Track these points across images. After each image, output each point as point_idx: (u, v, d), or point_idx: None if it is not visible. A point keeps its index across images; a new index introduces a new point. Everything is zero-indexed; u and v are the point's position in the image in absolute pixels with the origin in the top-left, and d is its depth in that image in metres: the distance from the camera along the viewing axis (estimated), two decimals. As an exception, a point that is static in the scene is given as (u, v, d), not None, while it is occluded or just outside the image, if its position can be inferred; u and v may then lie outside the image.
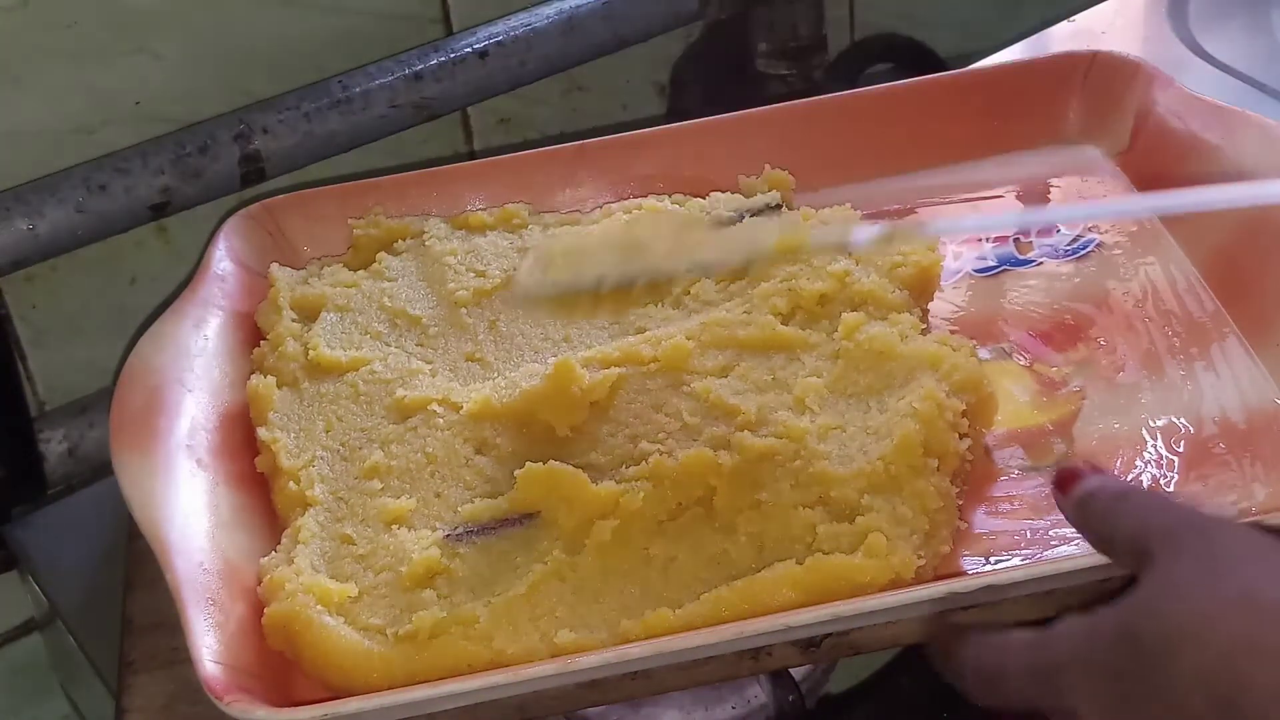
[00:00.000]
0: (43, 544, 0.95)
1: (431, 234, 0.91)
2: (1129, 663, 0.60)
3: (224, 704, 0.66)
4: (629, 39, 1.09)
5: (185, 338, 0.83)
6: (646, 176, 0.95)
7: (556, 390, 0.78)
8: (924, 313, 0.85)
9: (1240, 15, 1.16)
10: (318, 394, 0.83)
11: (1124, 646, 0.60)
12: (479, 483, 0.77)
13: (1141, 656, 0.60)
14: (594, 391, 0.79)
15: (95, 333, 0.99)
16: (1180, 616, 0.59)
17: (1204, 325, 0.85)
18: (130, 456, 0.76)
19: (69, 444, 0.97)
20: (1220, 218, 0.86)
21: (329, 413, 0.82)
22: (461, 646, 0.70)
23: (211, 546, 0.74)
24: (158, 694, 0.75)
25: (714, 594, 0.70)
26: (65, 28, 0.92)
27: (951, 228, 0.93)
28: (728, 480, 0.74)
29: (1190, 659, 0.58)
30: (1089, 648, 0.62)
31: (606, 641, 0.69)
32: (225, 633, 0.70)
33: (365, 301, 0.87)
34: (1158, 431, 0.79)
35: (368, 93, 1.00)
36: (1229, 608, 0.59)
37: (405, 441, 0.79)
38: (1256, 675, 0.57)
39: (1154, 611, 0.60)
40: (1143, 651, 0.60)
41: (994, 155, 0.97)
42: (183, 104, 0.97)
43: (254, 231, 0.92)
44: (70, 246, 0.93)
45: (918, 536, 0.72)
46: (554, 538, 0.73)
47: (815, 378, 0.79)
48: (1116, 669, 0.60)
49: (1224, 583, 0.60)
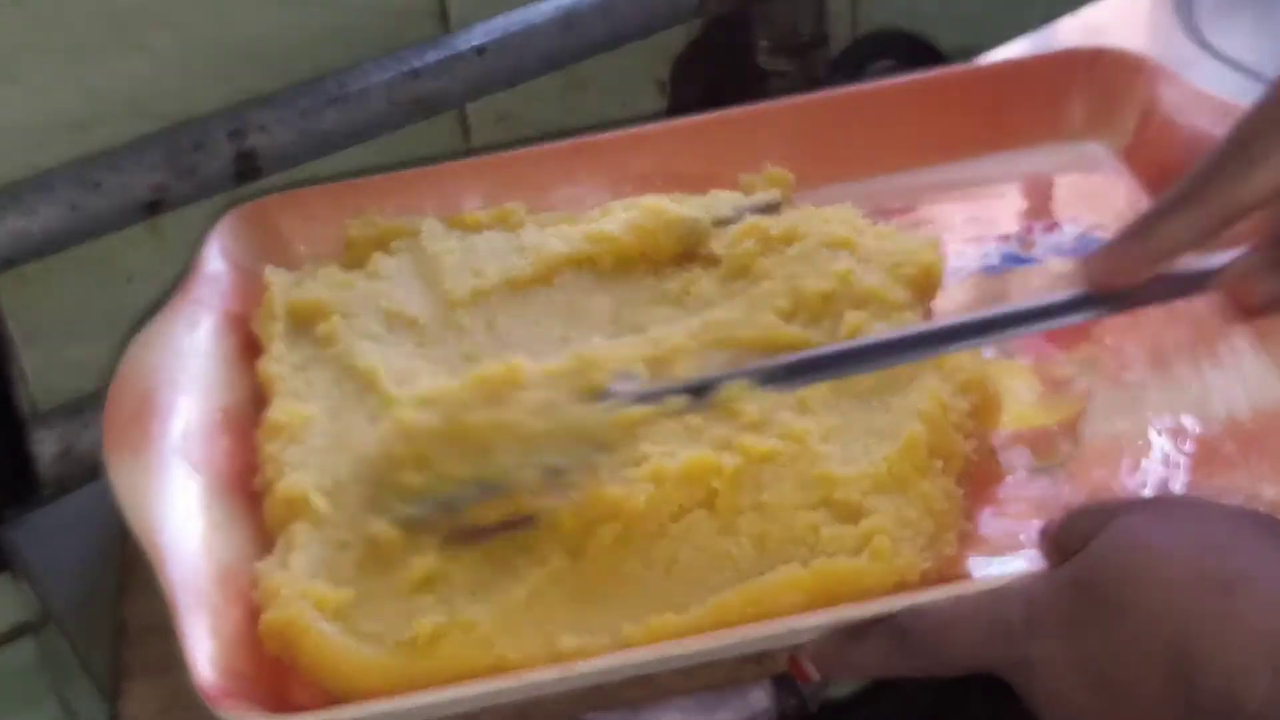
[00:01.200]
0: (36, 546, 0.95)
1: (427, 233, 0.90)
2: (1083, 609, 0.61)
3: (219, 710, 0.65)
4: (628, 35, 1.09)
5: (178, 339, 0.82)
6: (645, 174, 0.95)
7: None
8: (927, 312, 0.85)
9: (1248, 10, 1.16)
10: (315, 395, 0.82)
11: (1078, 594, 0.61)
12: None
13: (1095, 602, 0.60)
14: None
15: (89, 332, 0.98)
16: (1132, 557, 0.60)
17: (1210, 322, 0.84)
18: (123, 459, 0.75)
19: (62, 445, 0.97)
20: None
21: (326, 413, 0.81)
22: (462, 652, 0.69)
23: (206, 550, 0.73)
24: (153, 699, 0.75)
25: (717, 597, 0.69)
26: (58, 24, 0.92)
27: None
28: (730, 482, 0.73)
29: (1142, 598, 0.59)
30: (1044, 600, 0.62)
31: (609, 645, 0.68)
32: (221, 638, 0.69)
33: (361, 303, 0.87)
34: (1164, 431, 0.79)
35: (365, 90, 1.00)
36: (1180, 546, 0.59)
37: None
38: (1205, 606, 0.57)
39: (1106, 556, 0.61)
40: (1096, 597, 0.60)
41: (997, 151, 0.97)
42: (177, 101, 0.97)
43: (248, 231, 0.91)
44: (64, 244, 0.93)
45: (923, 539, 0.71)
46: (555, 541, 0.73)
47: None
48: (1071, 617, 0.61)
49: (1176, 527, 0.61)
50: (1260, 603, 0.57)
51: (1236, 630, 0.57)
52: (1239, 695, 0.56)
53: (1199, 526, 0.61)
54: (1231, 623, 0.57)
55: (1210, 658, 0.57)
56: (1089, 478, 0.77)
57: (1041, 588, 0.63)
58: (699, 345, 0.81)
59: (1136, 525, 0.62)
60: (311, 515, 0.75)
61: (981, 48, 1.11)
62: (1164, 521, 0.62)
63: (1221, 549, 0.59)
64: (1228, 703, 0.56)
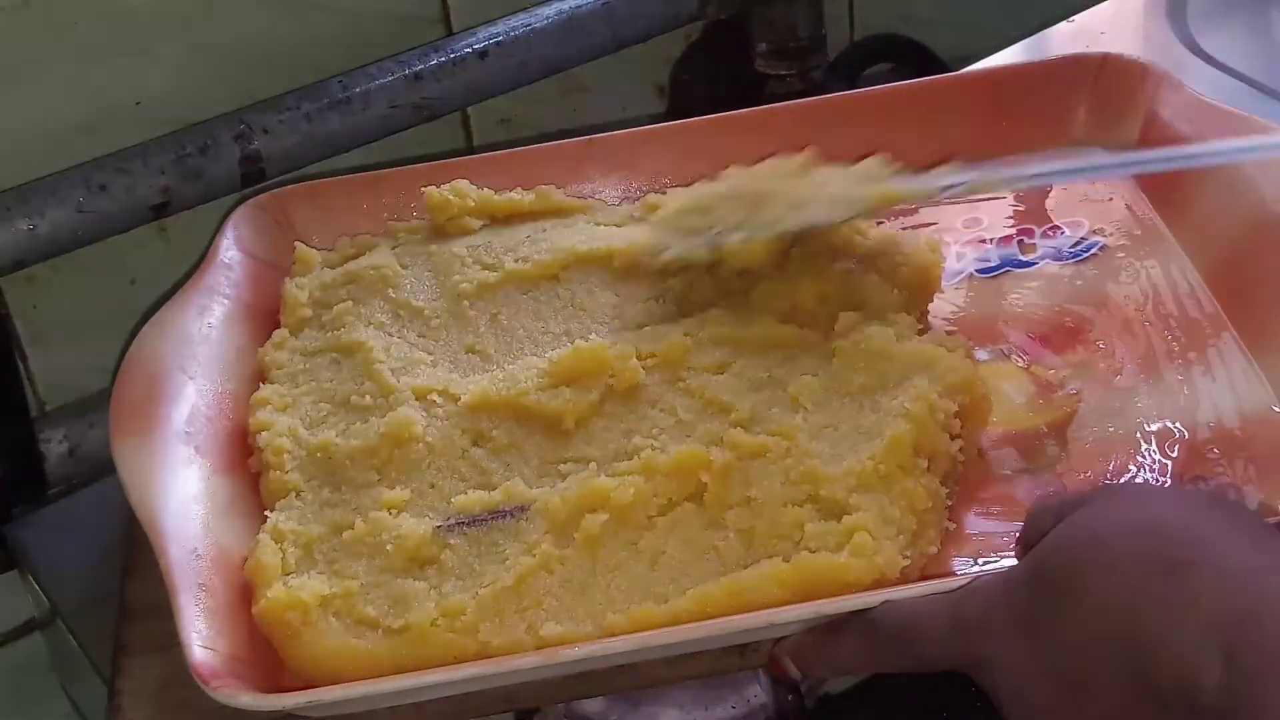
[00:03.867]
0: (43, 544, 0.96)
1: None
2: (1039, 600, 0.60)
3: (211, 689, 0.66)
4: (629, 39, 1.10)
5: (188, 325, 0.84)
6: (654, 172, 0.96)
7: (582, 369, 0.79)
8: (923, 313, 0.85)
9: (1239, 15, 1.16)
10: (314, 381, 0.83)
11: (1034, 586, 0.61)
12: (474, 475, 0.78)
13: (1051, 592, 0.60)
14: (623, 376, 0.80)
15: (96, 333, 0.99)
16: (1085, 546, 0.60)
17: (1203, 329, 0.85)
18: (129, 442, 0.77)
19: (69, 444, 0.97)
20: (1224, 221, 0.86)
21: (326, 400, 0.82)
22: (447, 638, 0.70)
23: (206, 533, 0.74)
24: (150, 678, 0.75)
25: (700, 590, 0.70)
26: (66, 28, 0.93)
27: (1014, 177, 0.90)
28: (718, 476, 0.74)
29: (1091, 587, 0.58)
30: (998, 598, 0.62)
31: (592, 634, 0.70)
32: (216, 618, 0.70)
33: (369, 292, 0.88)
34: (1152, 435, 0.79)
35: (368, 93, 1.01)
36: (1132, 534, 0.59)
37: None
38: (1153, 592, 0.57)
39: (1060, 547, 0.61)
40: (1052, 587, 0.60)
41: (999, 156, 0.96)
42: (183, 104, 0.98)
43: (263, 221, 0.92)
44: (71, 246, 0.93)
45: (905, 536, 0.72)
46: (544, 530, 0.74)
47: (810, 376, 0.79)
48: (1026, 613, 0.61)
49: (1130, 514, 0.60)
50: (1208, 585, 0.56)
51: (1185, 615, 0.56)
52: (1192, 682, 0.55)
53: (1147, 512, 0.60)
54: (1180, 609, 0.56)
55: (1161, 645, 0.56)
56: (1076, 480, 0.77)
57: (997, 586, 0.63)
58: (696, 342, 0.82)
59: (1086, 516, 0.61)
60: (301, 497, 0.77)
61: (977, 53, 1.11)
62: (1113, 510, 0.61)
63: (1169, 532, 0.58)
64: (1182, 691, 0.55)
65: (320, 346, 0.85)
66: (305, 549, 0.75)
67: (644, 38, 1.10)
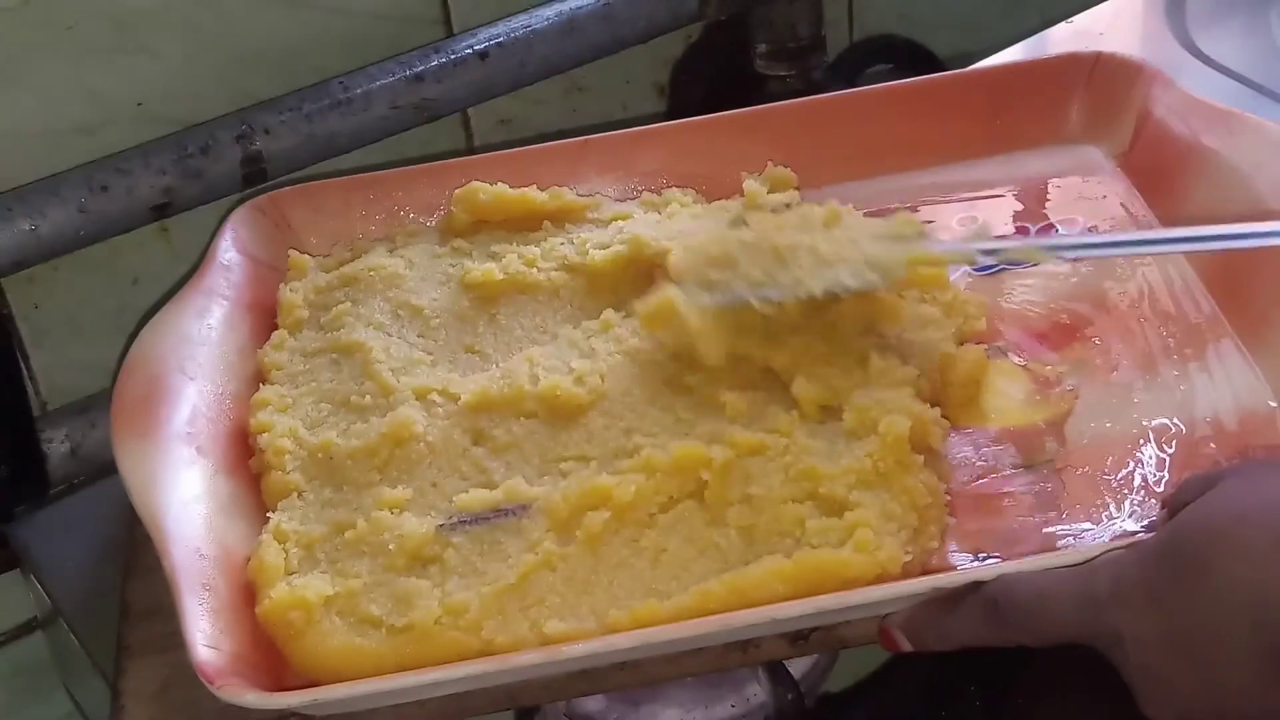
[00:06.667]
0: (45, 543, 0.96)
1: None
2: (1171, 578, 0.60)
3: (215, 688, 0.66)
4: (629, 40, 1.10)
5: (188, 326, 0.84)
6: (650, 172, 0.96)
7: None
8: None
9: (1238, 16, 1.16)
10: (315, 382, 0.84)
11: (1166, 564, 0.60)
12: (475, 473, 0.78)
13: (1182, 571, 0.60)
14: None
15: (97, 333, 0.99)
16: (1217, 525, 0.59)
17: (1200, 326, 0.85)
18: (130, 443, 0.77)
19: (71, 444, 0.98)
20: (1219, 218, 0.86)
21: (326, 401, 0.83)
22: (451, 636, 0.70)
23: (208, 533, 0.74)
24: (153, 678, 0.75)
25: (702, 587, 0.70)
26: (66, 28, 0.93)
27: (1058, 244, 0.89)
28: (718, 474, 0.74)
29: (1227, 564, 0.58)
30: (1130, 572, 0.62)
31: (595, 631, 0.70)
32: (220, 618, 0.70)
33: (368, 292, 0.88)
34: (1150, 432, 0.79)
35: (369, 93, 1.01)
36: (1265, 511, 0.58)
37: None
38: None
39: (1193, 525, 0.60)
40: (1183, 566, 0.60)
41: (995, 154, 0.97)
42: (184, 104, 0.98)
43: (261, 222, 0.93)
44: (72, 247, 0.93)
45: (905, 532, 0.72)
46: (545, 528, 0.74)
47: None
48: (1159, 587, 0.60)
49: (1262, 491, 0.60)
50: None
51: None
52: None
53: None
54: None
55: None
56: (1073, 476, 0.77)
57: (1129, 560, 0.63)
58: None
59: (1226, 491, 0.61)
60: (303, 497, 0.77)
61: (976, 53, 1.11)
62: (1253, 486, 0.61)
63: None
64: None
65: (320, 347, 0.86)
66: (308, 549, 0.75)
67: (644, 38, 1.10)
